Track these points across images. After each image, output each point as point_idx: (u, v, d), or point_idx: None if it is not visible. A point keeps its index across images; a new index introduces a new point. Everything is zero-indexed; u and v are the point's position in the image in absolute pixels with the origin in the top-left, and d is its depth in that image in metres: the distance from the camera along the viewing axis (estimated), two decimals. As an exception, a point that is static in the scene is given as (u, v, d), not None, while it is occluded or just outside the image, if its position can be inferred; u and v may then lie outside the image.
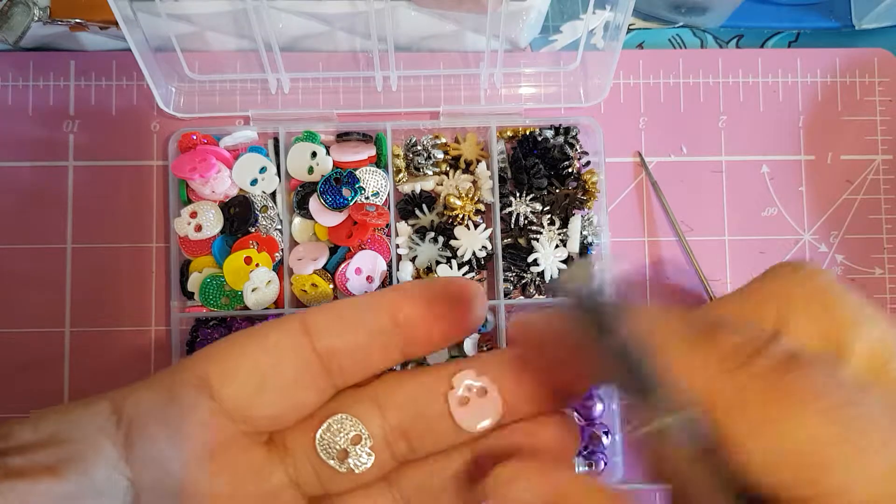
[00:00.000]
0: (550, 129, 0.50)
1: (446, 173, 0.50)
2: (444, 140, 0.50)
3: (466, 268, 0.48)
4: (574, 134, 0.50)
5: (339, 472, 0.24)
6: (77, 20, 0.47)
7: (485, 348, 0.48)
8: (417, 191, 0.49)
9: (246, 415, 0.24)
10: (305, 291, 0.47)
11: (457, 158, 0.50)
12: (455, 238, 0.48)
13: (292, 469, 0.25)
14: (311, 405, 0.24)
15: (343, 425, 0.24)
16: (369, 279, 0.48)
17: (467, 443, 0.25)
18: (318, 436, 0.24)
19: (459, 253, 0.48)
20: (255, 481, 0.24)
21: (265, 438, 0.25)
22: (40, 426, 0.22)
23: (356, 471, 0.24)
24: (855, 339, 0.20)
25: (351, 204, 0.47)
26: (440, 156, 0.49)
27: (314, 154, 0.48)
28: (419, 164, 0.49)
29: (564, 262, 0.48)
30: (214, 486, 0.23)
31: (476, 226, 0.49)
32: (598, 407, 0.47)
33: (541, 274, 0.48)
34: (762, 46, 0.55)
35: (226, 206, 0.48)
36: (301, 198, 0.48)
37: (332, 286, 0.48)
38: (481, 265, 0.48)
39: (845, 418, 0.17)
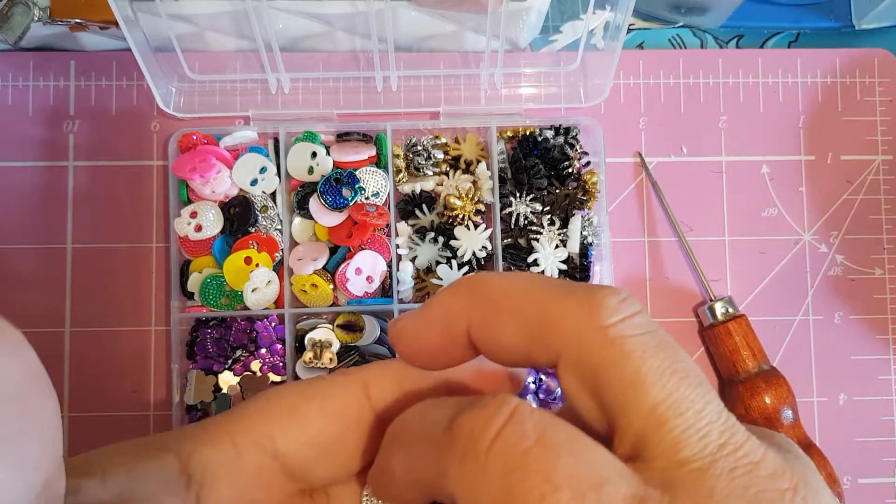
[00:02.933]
0: (550, 129, 0.50)
1: (446, 173, 0.50)
2: (444, 140, 0.50)
3: (466, 268, 0.48)
4: (574, 134, 0.50)
5: None
6: (77, 20, 0.47)
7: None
8: (417, 191, 0.49)
9: (305, 475, 0.24)
10: (305, 291, 0.47)
11: (457, 158, 0.50)
12: (455, 238, 0.48)
13: None
14: (366, 464, 0.25)
15: None
16: (369, 279, 0.48)
17: None
18: (363, 494, 0.25)
19: (459, 253, 0.48)
20: None
21: (311, 490, 0.25)
22: (108, 481, 0.22)
23: None
24: (632, 405, 0.17)
25: (351, 204, 0.47)
26: (440, 156, 0.49)
27: (314, 154, 0.48)
28: (419, 164, 0.49)
29: (564, 262, 0.48)
30: None
31: (476, 226, 0.49)
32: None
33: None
34: (762, 46, 0.55)
35: (226, 206, 0.48)
36: (301, 198, 0.48)
37: (332, 286, 0.48)
38: (481, 265, 0.48)
39: None
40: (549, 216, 0.49)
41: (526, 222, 0.49)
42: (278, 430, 0.24)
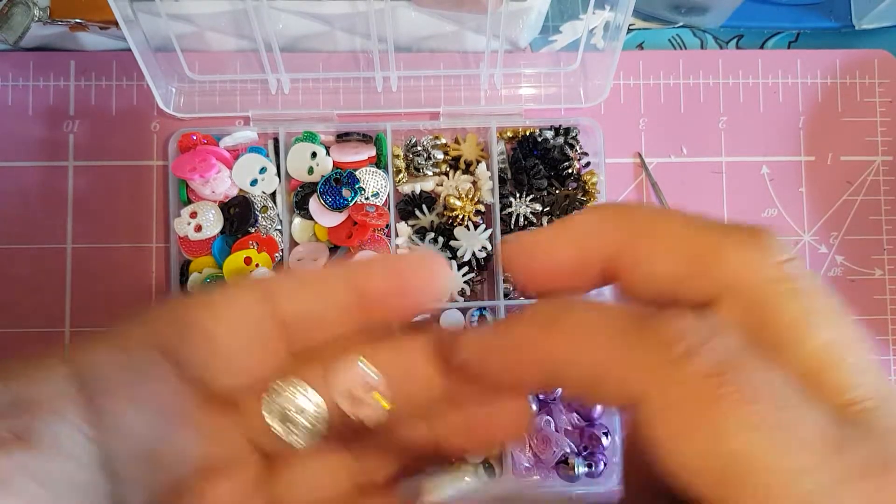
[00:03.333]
0: (550, 129, 0.50)
1: (446, 174, 0.50)
2: (444, 140, 0.50)
3: (466, 268, 0.48)
4: (574, 135, 0.50)
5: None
6: (77, 20, 0.47)
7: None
8: (417, 191, 0.49)
9: (203, 377, 0.23)
10: (305, 292, 0.47)
11: (457, 159, 0.50)
12: (455, 238, 0.48)
13: (247, 429, 0.25)
14: (265, 370, 0.24)
15: (290, 391, 0.24)
16: (369, 279, 0.47)
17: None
18: (264, 399, 0.24)
19: (459, 253, 0.48)
20: (217, 441, 0.24)
21: (219, 401, 0.25)
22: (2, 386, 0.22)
23: (295, 446, 0.23)
24: (802, 340, 0.18)
25: (350, 204, 0.47)
26: (440, 156, 0.49)
27: (314, 154, 0.48)
28: (419, 164, 0.49)
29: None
30: (180, 446, 0.23)
31: (476, 226, 0.49)
32: (598, 407, 0.47)
33: (540, 274, 0.48)
34: (762, 46, 0.55)
35: (226, 207, 0.48)
36: (301, 198, 0.48)
37: (331, 286, 0.48)
38: (481, 266, 0.49)
39: (777, 437, 0.16)
40: (548, 217, 0.49)
41: (526, 223, 0.49)
42: (170, 331, 0.23)
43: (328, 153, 0.49)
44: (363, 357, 0.23)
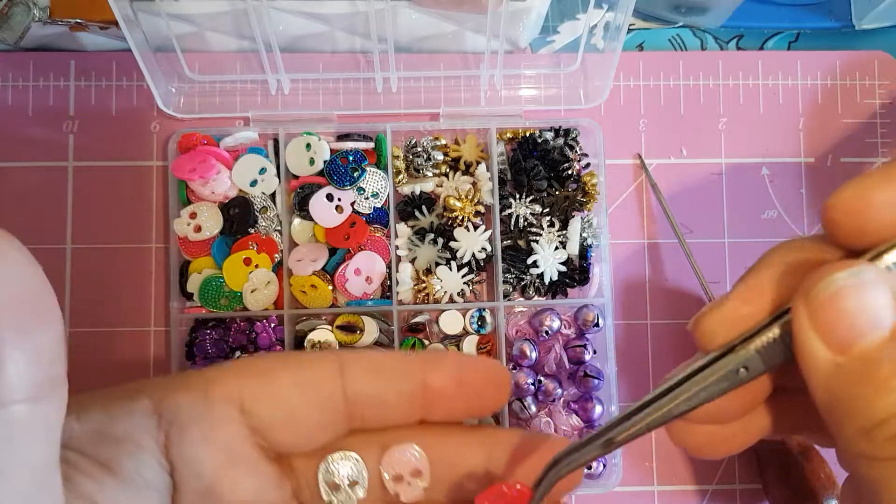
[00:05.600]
0: (550, 130, 0.50)
1: (446, 175, 0.50)
2: (443, 141, 0.50)
3: (466, 269, 0.48)
4: (574, 136, 0.50)
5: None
6: (77, 20, 0.47)
7: (484, 349, 0.48)
8: (417, 192, 0.49)
9: (269, 436, 0.25)
10: (305, 293, 0.47)
11: (457, 160, 0.50)
12: (455, 239, 0.48)
13: (296, 486, 0.27)
14: (326, 441, 0.26)
15: (345, 464, 0.26)
16: (369, 280, 0.48)
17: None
18: (322, 465, 0.26)
19: (459, 254, 0.48)
20: (270, 490, 0.26)
21: (276, 456, 0.27)
22: (83, 418, 0.23)
23: None
24: None
25: (359, 182, 0.47)
26: (440, 157, 0.49)
27: (308, 146, 0.48)
28: (419, 165, 0.49)
29: (564, 263, 0.48)
30: (238, 490, 0.25)
31: (476, 227, 0.49)
32: (598, 409, 0.48)
33: (540, 276, 0.48)
34: (762, 47, 0.55)
35: (225, 207, 0.48)
36: (300, 199, 0.48)
37: (331, 287, 0.48)
38: (481, 267, 0.49)
39: None
40: (548, 218, 0.49)
41: (525, 224, 0.49)
42: (248, 388, 0.25)
43: (319, 139, 0.48)
44: (417, 445, 0.26)
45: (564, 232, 0.49)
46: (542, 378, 0.48)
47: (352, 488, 0.26)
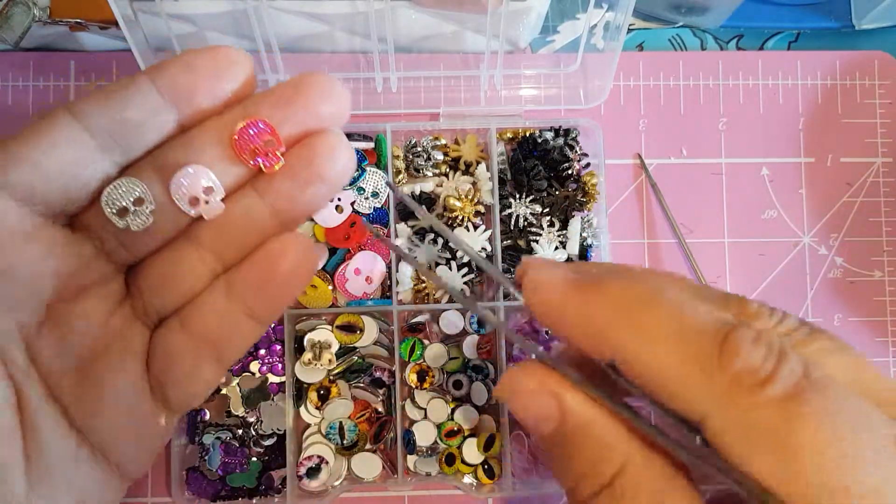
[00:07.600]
0: (550, 130, 0.50)
1: (446, 174, 0.50)
2: (443, 141, 0.50)
3: (466, 269, 0.48)
4: (574, 136, 0.50)
5: (140, 234, 0.25)
6: (77, 20, 0.47)
7: (484, 349, 0.48)
8: (417, 192, 0.49)
9: (33, 201, 0.24)
10: (305, 292, 0.47)
11: (457, 160, 0.50)
12: (454, 239, 0.48)
13: (98, 241, 0.26)
14: (96, 182, 0.25)
15: (128, 187, 0.25)
16: (368, 280, 0.48)
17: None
18: (104, 192, 0.25)
19: (459, 254, 0.48)
20: (67, 255, 0.25)
21: (65, 221, 0.26)
22: None
23: (133, 228, 0.25)
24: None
25: (359, 182, 0.47)
26: (440, 157, 0.49)
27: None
28: (419, 165, 0.49)
29: (566, 261, 0.48)
30: (32, 266, 0.24)
31: (476, 227, 0.49)
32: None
33: (540, 275, 0.48)
34: (762, 46, 0.55)
35: (225, 207, 0.48)
36: (301, 199, 0.48)
37: (331, 287, 0.48)
38: (480, 267, 0.49)
39: (845, 462, 0.17)
40: (548, 218, 0.49)
41: (525, 224, 0.49)
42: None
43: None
44: (196, 165, 0.25)
45: (564, 232, 0.49)
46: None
47: (139, 206, 0.25)
